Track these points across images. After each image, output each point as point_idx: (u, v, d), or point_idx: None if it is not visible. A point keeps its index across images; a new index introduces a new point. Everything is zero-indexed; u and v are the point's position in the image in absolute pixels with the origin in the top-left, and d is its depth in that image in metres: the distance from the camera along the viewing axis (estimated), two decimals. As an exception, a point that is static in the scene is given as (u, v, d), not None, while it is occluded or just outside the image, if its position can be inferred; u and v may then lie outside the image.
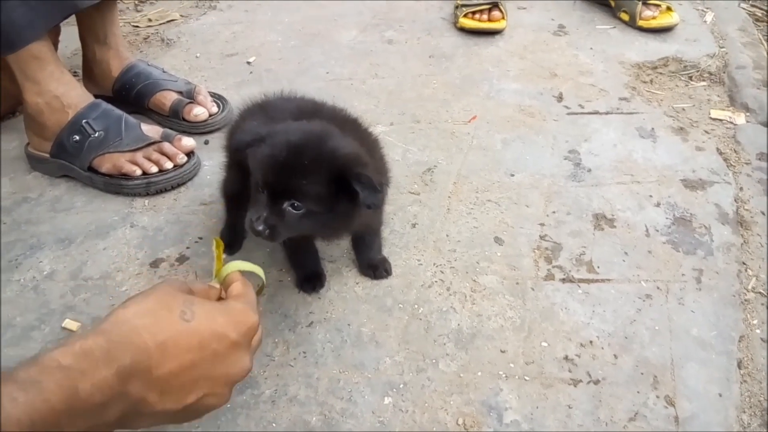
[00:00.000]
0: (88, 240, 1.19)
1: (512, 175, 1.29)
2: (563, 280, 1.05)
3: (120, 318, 0.61)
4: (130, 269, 1.11)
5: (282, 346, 0.96)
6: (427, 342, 0.95)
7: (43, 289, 1.08)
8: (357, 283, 1.06)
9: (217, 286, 0.75)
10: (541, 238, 1.13)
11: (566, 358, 0.92)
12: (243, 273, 0.76)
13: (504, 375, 0.90)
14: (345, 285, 1.06)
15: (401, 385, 0.89)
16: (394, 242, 1.14)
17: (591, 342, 0.94)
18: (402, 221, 1.19)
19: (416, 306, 1.01)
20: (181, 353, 0.61)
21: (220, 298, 0.74)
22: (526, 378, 0.89)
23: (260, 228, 0.81)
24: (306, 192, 0.80)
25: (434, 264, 1.09)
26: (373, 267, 1.07)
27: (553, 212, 1.19)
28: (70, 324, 1.01)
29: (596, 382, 0.88)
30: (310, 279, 1.04)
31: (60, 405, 0.51)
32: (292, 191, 0.80)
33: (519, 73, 1.65)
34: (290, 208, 0.81)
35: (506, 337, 0.95)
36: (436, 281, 1.06)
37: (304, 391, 0.89)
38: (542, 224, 1.16)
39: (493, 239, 1.13)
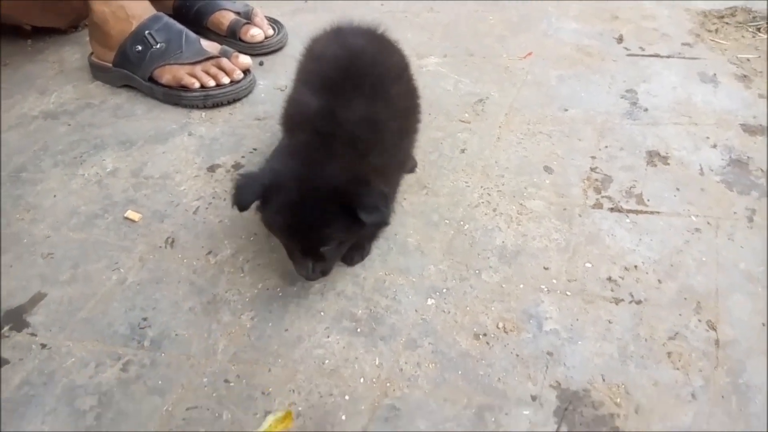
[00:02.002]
0: (148, 144, 1.24)
1: (566, 110, 1.28)
2: (611, 209, 1.04)
3: None
4: (188, 172, 1.16)
5: (331, 247, 0.99)
6: (471, 255, 0.97)
7: (106, 184, 1.14)
8: (404, 199, 1.08)
9: None
10: (592, 170, 1.13)
11: (609, 279, 0.93)
12: None
13: (546, 289, 0.91)
14: (393, 199, 1.08)
15: (444, 290, 0.92)
16: (442, 165, 1.15)
17: (635, 266, 0.94)
18: (451, 146, 1.20)
19: (462, 222, 1.03)
20: None
21: None
22: (568, 293, 0.91)
23: (316, 277, 0.86)
24: (332, 235, 0.82)
25: (481, 187, 1.10)
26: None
27: (606, 147, 1.18)
28: (132, 214, 1.06)
29: (638, 303, 0.89)
30: None
31: None
32: (321, 243, 0.82)
33: (579, 14, 1.61)
34: (326, 250, 0.83)
35: (550, 256, 0.97)
36: (482, 202, 1.07)
37: (351, 288, 0.92)
38: (594, 157, 1.15)
39: (543, 168, 1.13)
